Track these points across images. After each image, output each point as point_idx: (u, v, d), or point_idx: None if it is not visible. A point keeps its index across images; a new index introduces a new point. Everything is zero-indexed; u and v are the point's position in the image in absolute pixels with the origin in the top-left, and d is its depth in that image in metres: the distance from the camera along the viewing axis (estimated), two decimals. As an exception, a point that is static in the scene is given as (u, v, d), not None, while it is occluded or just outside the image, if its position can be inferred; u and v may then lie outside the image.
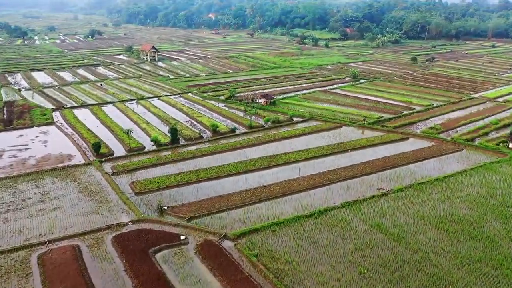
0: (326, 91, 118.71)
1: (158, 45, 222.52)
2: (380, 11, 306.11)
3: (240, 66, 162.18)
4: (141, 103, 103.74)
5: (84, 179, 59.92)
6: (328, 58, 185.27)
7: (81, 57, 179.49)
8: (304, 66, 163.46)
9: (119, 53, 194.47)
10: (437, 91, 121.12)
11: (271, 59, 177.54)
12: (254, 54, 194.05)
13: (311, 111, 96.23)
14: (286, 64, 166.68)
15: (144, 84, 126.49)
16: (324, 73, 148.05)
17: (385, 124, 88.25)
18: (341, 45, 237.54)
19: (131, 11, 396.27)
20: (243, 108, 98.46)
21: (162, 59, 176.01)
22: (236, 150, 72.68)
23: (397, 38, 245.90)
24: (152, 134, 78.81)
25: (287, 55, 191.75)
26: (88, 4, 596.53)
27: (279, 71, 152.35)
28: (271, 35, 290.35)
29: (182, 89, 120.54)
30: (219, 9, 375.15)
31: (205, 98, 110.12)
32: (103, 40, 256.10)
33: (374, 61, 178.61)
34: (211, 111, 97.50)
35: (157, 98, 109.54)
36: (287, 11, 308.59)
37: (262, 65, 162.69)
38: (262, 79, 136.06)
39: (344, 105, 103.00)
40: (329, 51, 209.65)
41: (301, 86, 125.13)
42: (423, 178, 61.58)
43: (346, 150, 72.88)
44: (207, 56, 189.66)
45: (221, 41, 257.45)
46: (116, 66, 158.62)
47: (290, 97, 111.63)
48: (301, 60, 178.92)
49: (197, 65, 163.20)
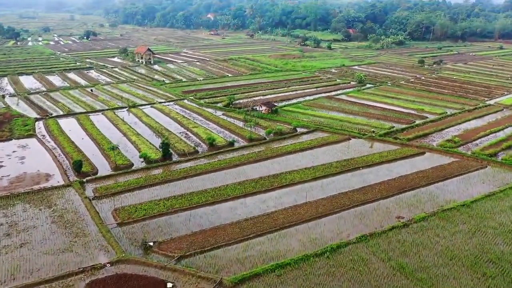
0: (331, 98, 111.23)
1: (154, 47, 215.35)
2: (383, 11, 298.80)
3: (240, 69, 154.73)
4: (132, 112, 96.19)
5: (60, 205, 52.40)
6: (332, 61, 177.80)
7: (73, 60, 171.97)
8: (306, 69, 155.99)
9: (114, 55, 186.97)
10: (449, 97, 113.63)
11: (272, 62, 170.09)
12: (254, 56, 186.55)
13: (316, 121, 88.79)
14: (288, 67, 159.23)
15: (137, 90, 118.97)
16: (328, 77, 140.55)
17: (397, 135, 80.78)
18: (344, 46, 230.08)
19: (128, 11, 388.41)
20: (242, 117, 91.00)
21: (158, 62, 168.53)
22: (234, 167, 65.20)
23: (401, 39, 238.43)
24: (142, 148, 71.40)
25: (288, 57, 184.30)
26: (86, 4, 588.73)
27: (280, 75, 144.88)
28: (271, 36, 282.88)
29: (177, 95, 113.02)
30: (218, 9, 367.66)
31: (202, 106, 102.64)
32: (98, 41, 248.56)
33: (380, 64, 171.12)
34: (208, 120, 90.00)
35: (150, 106, 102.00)
36: (288, 11, 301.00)
37: (263, 68, 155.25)
38: (263, 83, 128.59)
39: (351, 114, 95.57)
40: (332, 53, 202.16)
41: (304, 92, 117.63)
42: (447, 203, 54.08)
43: (357, 167, 65.39)
44: (205, 58, 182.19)
45: (220, 42, 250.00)
46: (109, 70, 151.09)
47: (292, 104, 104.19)
48: (303, 62, 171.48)
49: (194, 68, 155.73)
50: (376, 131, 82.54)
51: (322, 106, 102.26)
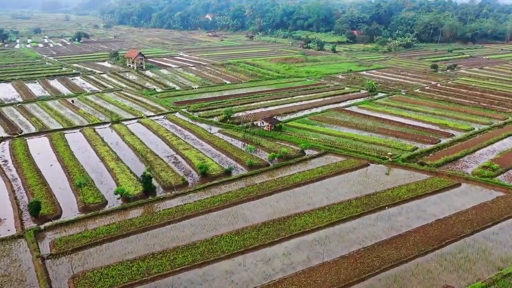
0: (341, 110, 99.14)
1: (148, 50, 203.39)
2: (388, 11, 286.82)
3: (239, 75, 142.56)
4: (115, 128, 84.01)
5: (2, 269, 40.29)
6: (337, 65, 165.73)
7: (60, 65, 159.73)
8: (311, 75, 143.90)
9: (104, 59, 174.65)
10: (472, 109, 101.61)
11: (274, 67, 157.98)
12: (254, 60, 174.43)
13: (326, 140, 76.72)
14: (291, 72, 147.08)
15: (124, 101, 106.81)
16: (335, 85, 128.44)
17: (423, 160, 68.71)
18: (348, 49, 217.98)
19: (124, 11, 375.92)
20: (241, 135, 78.95)
21: (150, 67, 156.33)
22: (231, 206, 53.11)
23: (409, 41, 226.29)
24: (120, 178, 59.36)
25: (291, 61, 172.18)
26: (82, 5, 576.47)
27: (283, 82, 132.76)
28: (272, 37, 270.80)
29: (168, 106, 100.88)
30: (217, 10, 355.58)
31: (195, 120, 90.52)
32: (90, 43, 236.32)
33: (389, 69, 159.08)
34: (202, 139, 77.85)
35: (136, 120, 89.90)
36: (289, 12, 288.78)
37: (264, 74, 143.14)
38: (264, 92, 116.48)
39: (366, 130, 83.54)
40: (336, 57, 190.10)
41: (310, 103, 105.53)
42: (504, 263, 41.99)
43: (382, 206, 53.34)
44: (201, 62, 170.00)
45: (218, 45, 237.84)
46: (97, 76, 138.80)
47: (298, 118, 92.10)
48: (307, 67, 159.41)
49: (189, 74, 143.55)
50: (397, 153, 70.56)
51: (332, 120, 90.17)
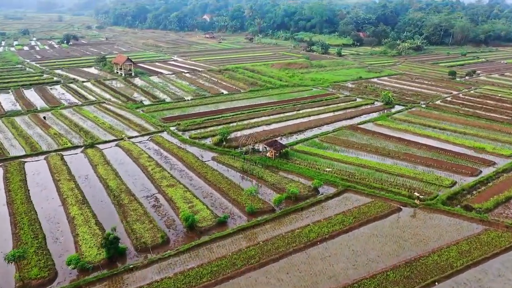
0: (356, 128, 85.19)
1: (141, 53, 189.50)
2: (394, 12, 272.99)
3: (237, 84, 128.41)
4: (88, 155, 69.91)
5: None
6: (345, 71, 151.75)
7: (41, 71, 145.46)
8: (317, 83, 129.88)
9: (91, 64, 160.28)
10: (507, 126, 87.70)
11: (275, 73, 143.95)
12: (254, 65, 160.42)
13: (343, 171, 62.87)
14: (295, 80, 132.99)
15: (105, 116, 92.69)
16: (345, 95, 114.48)
17: (467, 201, 54.74)
18: (355, 52, 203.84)
19: (118, 12, 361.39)
20: (239, 165, 65.02)
21: (140, 74, 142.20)
22: (224, 282, 39.12)
23: (419, 44, 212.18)
24: (81, 234, 45.43)
25: (294, 66, 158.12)
26: (77, 5, 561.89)
27: (286, 91, 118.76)
28: (273, 39, 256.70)
29: (155, 124, 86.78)
30: (215, 10, 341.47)
31: (185, 143, 76.49)
32: (80, 46, 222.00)
33: (403, 76, 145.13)
34: (191, 170, 63.82)
35: (115, 143, 75.82)
36: (290, 12, 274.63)
37: (265, 83, 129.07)
38: (266, 105, 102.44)
39: (389, 156, 69.68)
40: (343, 61, 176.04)
41: (320, 119, 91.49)
42: None
43: (430, 283, 39.30)
44: (197, 68, 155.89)
45: (215, 47, 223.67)
46: (79, 85, 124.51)
47: (307, 139, 78.15)
48: (312, 74, 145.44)
49: (182, 83, 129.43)
50: (433, 190, 56.70)
51: (347, 142, 76.22)
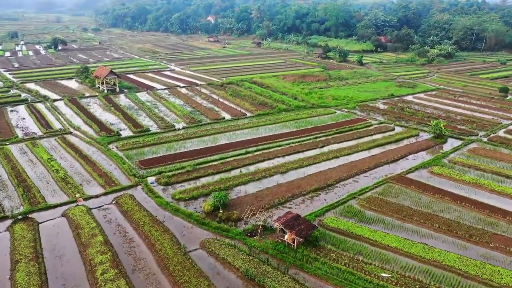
0: (405, 180, 60.92)
1: (134, 61, 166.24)
2: (417, 13, 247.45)
3: (242, 104, 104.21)
4: (14, 236, 46.20)
5: None
6: (371, 86, 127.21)
7: (9, 85, 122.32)
8: (341, 103, 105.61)
9: (73, 75, 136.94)
10: None
11: (288, 88, 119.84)
12: (262, 77, 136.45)
13: (407, 277, 38.70)
14: (313, 99, 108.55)
15: (64, 157, 68.95)
16: (378, 122, 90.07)
17: None
18: (378, 60, 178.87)
19: (117, 12, 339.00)
20: (241, 264, 40.99)
21: (128, 88, 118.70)
22: None
23: (450, 50, 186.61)
24: None
25: (309, 79, 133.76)
26: (77, 5, 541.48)
27: (304, 116, 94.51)
28: (283, 44, 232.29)
29: (128, 172, 62.94)
30: (220, 11, 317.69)
31: (165, 208, 52.70)
32: (68, 52, 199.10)
33: (442, 92, 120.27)
34: (165, 275, 39.83)
35: (63, 211, 52.09)
36: (302, 14, 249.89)
37: (277, 102, 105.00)
38: (279, 139, 78.25)
39: (470, 240, 45.49)
40: (366, 71, 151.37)
41: (353, 163, 67.11)
42: None
43: None
44: (195, 81, 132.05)
45: (219, 53, 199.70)
46: (48, 105, 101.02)
47: (340, 202, 54.13)
48: (333, 89, 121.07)
49: (175, 102, 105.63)
50: None
51: (400, 210, 52.05)
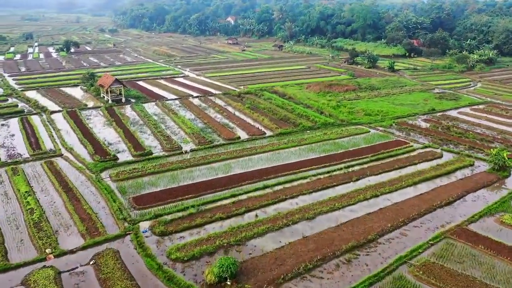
0: (469, 235, 46.79)
1: (146, 65, 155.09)
2: (451, 14, 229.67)
3: (261, 119, 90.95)
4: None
5: None
6: (407, 97, 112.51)
7: (9, 93, 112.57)
8: (374, 119, 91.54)
9: (79, 82, 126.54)
10: None
11: (313, 100, 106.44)
12: (284, 85, 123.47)
13: None
14: (342, 115, 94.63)
15: (45, 191, 57.26)
16: (422, 145, 75.57)
17: None
18: (411, 66, 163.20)
19: (134, 13, 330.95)
20: None
21: (136, 98, 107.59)
22: None
23: (491, 56, 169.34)
24: None
25: (337, 89, 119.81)
26: (97, 5, 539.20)
27: (332, 136, 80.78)
28: (306, 47, 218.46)
29: (118, 213, 50.71)
30: (240, 11, 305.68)
31: (156, 273, 40.05)
32: (80, 54, 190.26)
33: (490, 106, 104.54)
34: None
35: (24, 276, 39.95)
36: (327, 15, 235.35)
37: (300, 118, 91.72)
38: (304, 167, 64.92)
39: None
40: (399, 79, 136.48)
41: (397, 206, 53.15)
42: None
43: None
44: (210, 89, 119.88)
45: (237, 57, 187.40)
46: (44, 119, 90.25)
47: (389, 270, 40.48)
48: (364, 101, 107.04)
49: (185, 116, 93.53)
50: None
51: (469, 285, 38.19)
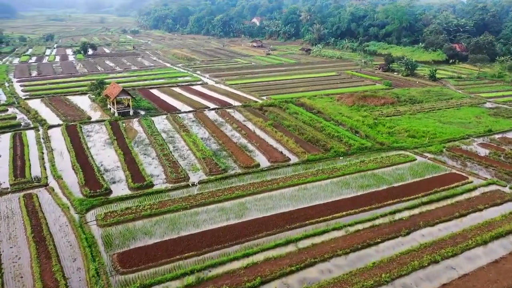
0: None
1: (164, 71, 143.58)
2: (497, 16, 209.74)
3: (285, 141, 77.38)
4: None
5: None
6: (456, 114, 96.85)
7: (11, 101, 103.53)
8: (419, 142, 76.64)
9: (88, 90, 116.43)
10: None
11: (346, 115, 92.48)
12: (312, 97, 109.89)
13: None
14: (381, 136, 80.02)
15: (6, 242, 45.95)
16: (485, 181, 60.48)
17: None
18: (454, 74, 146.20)
19: (158, 14, 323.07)
20: None
21: (146, 110, 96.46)
22: None
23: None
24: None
25: (373, 102, 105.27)
26: (123, 5, 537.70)
27: (371, 165, 66.53)
28: (335, 51, 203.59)
29: (92, 280, 38.58)
30: (266, 12, 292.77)
31: None
32: (96, 58, 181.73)
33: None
34: None
35: None
36: (359, 16, 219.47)
37: (331, 138, 77.87)
38: (337, 215, 51.27)
39: None
40: (442, 90, 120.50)
41: (468, 285, 39.07)
42: None
43: None
44: (229, 99, 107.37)
45: (261, 62, 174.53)
46: (40, 135, 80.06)
47: None
48: (405, 118, 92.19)
49: (198, 133, 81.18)
50: None
51: None
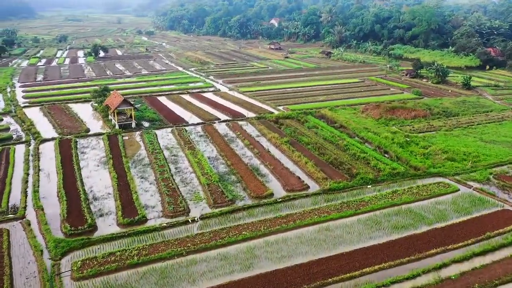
0: None
1: (175, 76, 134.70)
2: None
3: (304, 163, 67.27)
4: None
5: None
6: (498, 130, 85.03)
7: (9, 110, 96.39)
8: (461, 167, 65.48)
9: (91, 97, 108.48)
10: None
11: (373, 131, 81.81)
12: (334, 108, 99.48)
13: None
14: (414, 159, 68.89)
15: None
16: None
17: None
18: (492, 82, 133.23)
19: (174, 14, 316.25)
20: None
21: (150, 121, 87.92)
22: None
23: None
24: None
25: (402, 114, 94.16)
26: (141, 6, 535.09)
27: (405, 197, 55.72)
28: (358, 54, 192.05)
29: None
30: (285, 13, 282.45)
31: None
32: (107, 60, 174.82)
33: None
34: None
35: None
36: (383, 18, 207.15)
37: (356, 160, 67.42)
38: (367, 269, 41.07)
39: None
40: (479, 101, 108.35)
41: None
42: None
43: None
44: (241, 109, 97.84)
45: (279, 66, 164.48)
46: (30, 150, 72.16)
47: None
48: (440, 135, 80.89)
49: (205, 151, 71.87)
50: None
51: None
